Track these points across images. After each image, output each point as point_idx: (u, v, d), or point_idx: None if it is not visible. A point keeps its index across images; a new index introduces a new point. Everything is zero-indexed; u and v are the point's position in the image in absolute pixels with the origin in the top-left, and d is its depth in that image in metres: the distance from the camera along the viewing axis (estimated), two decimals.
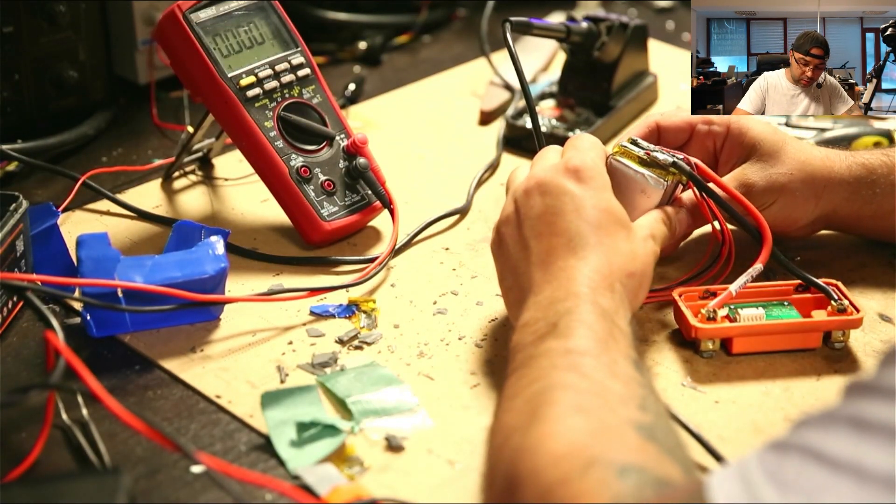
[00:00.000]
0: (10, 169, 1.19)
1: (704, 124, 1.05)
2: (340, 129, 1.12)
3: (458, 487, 0.83)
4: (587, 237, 0.87)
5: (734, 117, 1.05)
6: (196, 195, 1.17)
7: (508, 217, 0.92)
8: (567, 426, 0.73)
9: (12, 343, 0.96)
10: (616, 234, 0.89)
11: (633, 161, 0.98)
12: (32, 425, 0.86)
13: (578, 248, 0.87)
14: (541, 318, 0.83)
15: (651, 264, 0.91)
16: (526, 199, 0.91)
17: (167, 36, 1.09)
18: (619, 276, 0.87)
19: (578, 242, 0.87)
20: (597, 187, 0.90)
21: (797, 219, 1.04)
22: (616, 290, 0.86)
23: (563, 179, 0.90)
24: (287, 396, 0.89)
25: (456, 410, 0.90)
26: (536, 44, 1.44)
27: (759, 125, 1.05)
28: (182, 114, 1.29)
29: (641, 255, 0.90)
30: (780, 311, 0.97)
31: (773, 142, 1.03)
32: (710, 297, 0.97)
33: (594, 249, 0.87)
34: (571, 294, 0.84)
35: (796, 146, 1.04)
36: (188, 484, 0.83)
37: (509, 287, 0.91)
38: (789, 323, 0.95)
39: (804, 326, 0.96)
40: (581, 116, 1.28)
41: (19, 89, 1.23)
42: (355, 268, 1.07)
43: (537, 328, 0.82)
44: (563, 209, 0.89)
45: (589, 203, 0.89)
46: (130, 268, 0.94)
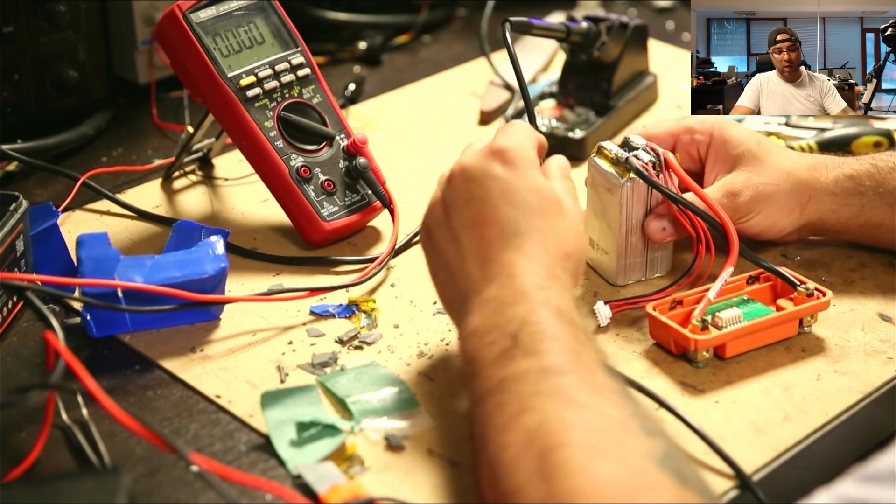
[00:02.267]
0: (10, 169, 1.19)
1: (687, 133, 1.05)
2: (340, 129, 1.12)
3: (458, 487, 0.83)
4: (519, 223, 0.85)
5: (718, 124, 1.05)
6: (196, 195, 1.17)
7: (433, 207, 0.89)
8: (595, 477, 0.70)
9: (12, 343, 0.96)
10: (548, 215, 0.86)
11: (605, 161, 1.01)
12: (32, 425, 0.86)
13: (512, 236, 0.84)
14: (494, 327, 0.80)
15: (585, 241, 0.90)
16: (450, 186, 0.88)
17: (167, 36, 1.09)
18: (557, 260, 0.84)
19: (511, 230, 0.84)
20: (523, 167, 0.87)
21: (782, 227, 1.04)
22: (559, 278, 0.84)
23: (487, 162, 0.87)
24: (287, 396, 0.89)
25: (456, 410, 0.90)
26: (536, 44, 1.44)
27: (743, 133, 1.04)
28: (182, 114, 1.29)
29: (574, 231, 0.87)
30: (751, 308, 0.97)
31: (758, 151, 1.03)
32: (678, 305, 0.97)
33: (528, 237, 0.84)
34: (520, 295, 0.81)
35: (782, 155, 1.04)
36: (188, 484, 0.83)
37: (444, 283, 0.89)
38: (773, 318, 0.95)
39: (785, 318, 0.96)
40: (581, 116, 1.28)
41: (19, 89, 1.23)
42: (355, 268, 1.07)
43: (494, 339, 0.80)
44: (489, 195, 0.86)
45: (515, 185, 0.86)
46: (130, 268, 0.94)
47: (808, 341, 0.97)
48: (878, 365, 0.95)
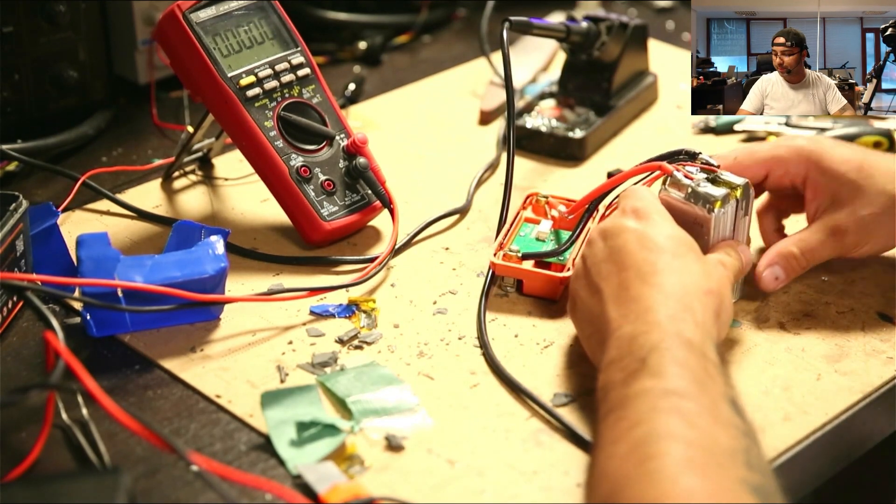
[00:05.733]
0: (10, 169, 1.19)
1: (780, 167, 1.01)
2: (340, 128, 1.12)
3: (457, 487, 0.83)
4: (655, 263, 0.86)
5: (814, 154, 1.00)
6: (196, 195, 1.17)
7: (577, 272, 0.93)
8: (683, 487, 0.71)
9: (12, 343, 0.96)
10: (685, 256, 0.88)
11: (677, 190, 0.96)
12: (32, 425, 0.86)
13: (649, 275, 0.86)
14: (626, 354, 0.81)
15: (727, 286, 0.90)
16: (590, 248, 0.92)
17: (167, 36, 1.09)
18: (695, 294, 0.85)
19: (648, 270, 0.86)
20: (656, 219, 0.90)
21: (888, 245, 1.02)
22: (696, 311, 0.84)
23: (622, 219, 0.90)
24: (287, 396, 0.89)
25: (456, 410, 0.90)
26: (536, 44, 1.44)
27: (841, 161, 1.00)
28: (182, 114, 1.29)
29: (715, 274, 0.89)
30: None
31: (859, 178, 0.99)
32: None
33: (664, 274, 0.86)
34: (652, 325, 0.82)
35: (885, 176, 0.99)
36: (188, 483, 0.83)
37: (589, 335, 0.90)
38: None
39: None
40: (581, 116, 1.28)
41: (19, 89, 1.23)
42: (355, 268, 1.07)
43: (624, 364, 0.80)
44: (626, 245, 0.88)
45: (650, 233, 0.88)
46: (130, 268, 0.94)
47: (808, 341, 0.97)
48: (878, 365, 0.95)
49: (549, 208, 1.09)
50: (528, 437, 0.88)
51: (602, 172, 1.21)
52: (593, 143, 1.26)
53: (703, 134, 1.30)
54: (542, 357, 0.96)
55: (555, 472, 0.85)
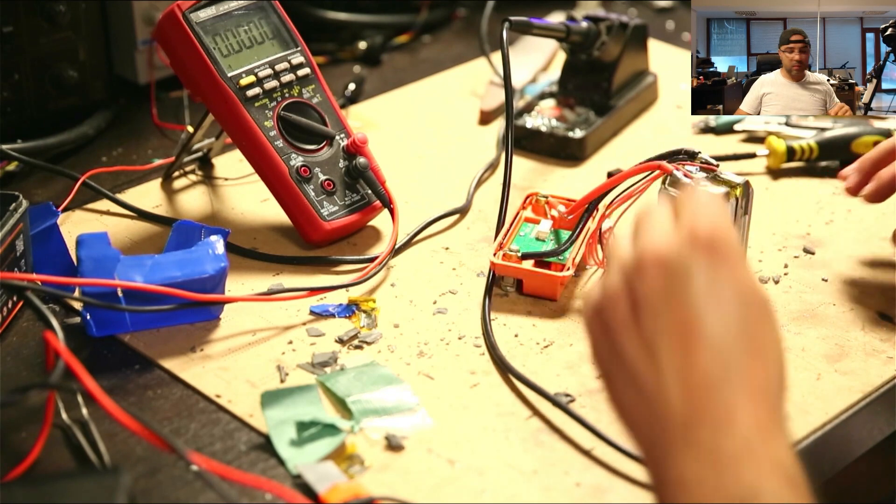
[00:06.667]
0: (10, 169, 1.19)
1: None
2: (340, 128, 1.12)
3: (457, 487, 0.83)
4: (734, 348, 0.68)
5: None
6: (196, 195, 1.17)
7: (614, 299, 0.70)
8: None
9: (12, 343, 0.96)
10: (763, 328, 0.69)
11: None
12: (32, 425, 0.86)
13: (731, 364, 0.68)
14: (715, 489, 0.66)
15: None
16: (642, 278, 0.69)
17: (167, 36, 1.09)
18: (779, 397, 0.69)
19: (726, 356, 0.68)
20: (733, 264, 0.69)
21: None
22: (782, 422, 0.69)
23: (693, 255, 0.69)
24: (287, 396, 0.89)
25: (456, 410, 0.90)
26: (536, 44, 1.44)
27: None
28: (182, 114, 1.29)
29: (782, 345, 0.71)
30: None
31: None
32: None
33: (747, 369, 0.68)
34: (744, 450, 0.66)
35: None
36: (188, 483, 0.83)
37: (631, 402, 0.70)
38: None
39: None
40: (581, 116, 1.28)
41: (19, 89, 1.23)
42: (355, 267, 1.07)
43: (717, 492, 0.65)
44: (695, 301, 0.68)
45: (728, 288, 0.68)
46: (130, 267, 0.94)
47: (808, 341, 0.97)
48: (878, 365, 0.95)
49: (549, 208, 1.09)
50: (528, 436, 0.88)
51: (602, 172, 1.21)
52: (593, 142, 1.26)
53: (703, 134, 1.30)
54: (542, 357, 0.96)
55: (555, 472, 0.85)
